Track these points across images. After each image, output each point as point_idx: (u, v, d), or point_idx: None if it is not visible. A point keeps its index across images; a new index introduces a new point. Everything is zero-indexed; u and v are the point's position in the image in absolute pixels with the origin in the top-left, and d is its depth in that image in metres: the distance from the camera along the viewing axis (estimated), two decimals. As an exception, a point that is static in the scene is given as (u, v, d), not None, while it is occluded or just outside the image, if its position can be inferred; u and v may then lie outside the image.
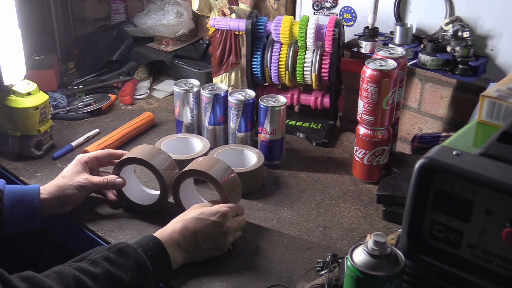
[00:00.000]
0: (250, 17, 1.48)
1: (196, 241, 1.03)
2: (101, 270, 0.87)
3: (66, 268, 0.86)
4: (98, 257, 0.90)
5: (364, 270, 0.81)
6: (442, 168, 0.76)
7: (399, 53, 1.28)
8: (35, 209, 1.10)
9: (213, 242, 1.05)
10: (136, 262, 0.92)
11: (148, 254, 0.95)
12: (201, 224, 1.04)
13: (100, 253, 0.91)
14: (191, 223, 1.04)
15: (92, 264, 0.88)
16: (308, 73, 1.48)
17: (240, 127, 1.39)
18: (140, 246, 0.96)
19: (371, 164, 1.31)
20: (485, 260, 0.78)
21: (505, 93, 0.87)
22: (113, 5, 2.03)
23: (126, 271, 0.90)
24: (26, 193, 1.11)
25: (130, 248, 0.93)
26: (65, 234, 1.29)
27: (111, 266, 0.89)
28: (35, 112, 1.37)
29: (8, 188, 1.11)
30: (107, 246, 0.93)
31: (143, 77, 1.83)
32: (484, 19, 1.29)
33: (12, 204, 1.08)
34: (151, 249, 0.97)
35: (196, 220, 1.05)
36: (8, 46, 1.34)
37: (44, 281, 0.82)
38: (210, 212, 1.06)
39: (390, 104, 1.26)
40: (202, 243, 1.04)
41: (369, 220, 1.21)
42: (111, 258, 0.90)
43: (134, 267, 0.91)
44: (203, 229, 1.04)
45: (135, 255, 0.93)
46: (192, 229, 1.03)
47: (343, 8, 1.52)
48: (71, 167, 1.19)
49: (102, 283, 0.86)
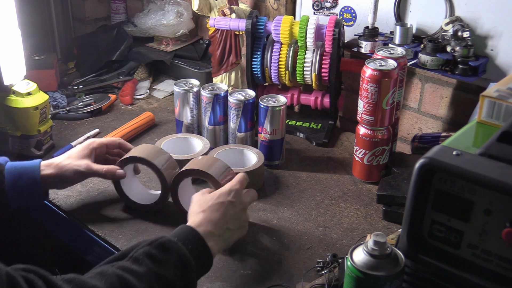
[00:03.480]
0: (250, 17, 1.48)
1: (226, 224, 1.02)
2: (144, 268, 0.86)
3: (108, 268, 0.84)
4: (139, 254, 0.87)
5: (364, 270, 0.81)
6: (442, 168, 0.76)
7: (399, 53, 1.28)
8: (35, 181, 1.13)
9: (238, 221, 1.05)
10: (179, 258, 0.90)
11: (189, 248, 0.93)
12: (224, 207, 1.04)
13: (141, 250, 0.88)
14: (215, 210, 1.03)
15: (135, 262, 0.86)
16: (308, 73, 1.48)
17: (240, 127, 1.39)
18: (180, 239, 0.93)
19: (371, 164, 1.31)
20: (485, 260, 0.78)
21: (505, 93, 0.87)
22: (113, 5, 2.03)
23: (169, 267, 0.88)
24: (27, 167, 1.14)
25: (172, 243, 0.91)
26: (65, 234, 1.29)
27: (153, 263, 0.87)
28: (35, 112, 1.37)
29: (10, 163, 1.14)
30: (149, 241, 0.90)
31: (143, 77, 1.83)
32: (484, 19, 1.29)
33: (13, 177, 1.11)
34: (191, 242, 0.94)
35: (218, 206, 1.04)
36: (8, 46, 1.34)
37: (88, 281, 0.80)
38: (225, 193, 1.06)
39: (390, 104, 1.26)
40: (231, 226, 1.03)
41: (369, 220, 1.21)
42: (154, 254, 0.88)
43: (177, 262, 0.89)
44: (227, 211, 1.04)
45: (177, 250, 0.91)
46: (219, 215, 1.02)
47: (343, 8, 1.52)
48: (79, 150, 1.21)
49: (146, 282, 0.84)
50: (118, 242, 1.13)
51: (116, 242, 1.13)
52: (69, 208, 1.24)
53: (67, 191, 1.27)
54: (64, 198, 1.26)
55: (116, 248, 1.12)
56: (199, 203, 1.05)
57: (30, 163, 1.15)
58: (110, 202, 1.25)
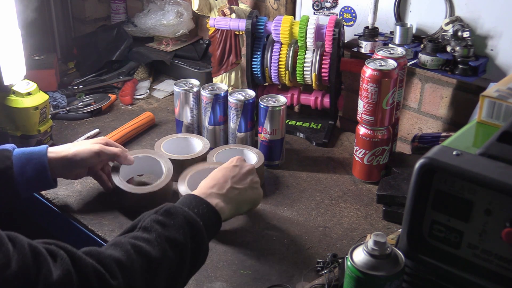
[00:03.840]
0: (250, 17, 1.48)
1: (228, 184, 1.06)
2: (154, 234, 0.88)
3: (121, 239, 0.87)
4: (147, 222, 0.90)
5: (364, 270, 0.81)
6: (442, 168, 0.76)
7: (399, 53, 1.28)
8: (43, 165, 1.13)
9: (245, 182, 1.09)
10: (185, 220, 0.92)
11: (195, 212, 0.95)
12: (226, 170, 1.10)
13: (148, 218, 0.91)
14: (217, 174, 1.09)
15: (145, 230, 0.89)
16: (308, 73, 1.48)
17: (240, 127, 1.39)
18: (184, 205, 0.97)
19: (371, 164, 1.31)
20: (485, 260, 0.78)
21: (505, 93, 0.87)
22: (113, 5, 2.03)
23: (178, 229, 0.90)
24: (34, 152, 1.15)
25: (176, 208, 0.94)
26: (65, 234, 1.28)
27: (163, 228, 0.89)
28: (35, 112, 1.37)
29: (18, 149, 1.15)
30: (154, 210, 0.93)
31: (143, 77, 1.83)
32: (484, 19, 1.29)
33: (21, 163, 1.12)
34: (196, 207, 0.97)
35: (220, 171, 1.10)
36: (8, 46, 1.34)
37: (104, 251, 0.82)
38: (228, 162, 1.13)
39: (390, 104, 1.26)
40: (235, 185, 1.07)
41: (369, 220, 1.21)
42: (161, 220, 0.90)
43: (184, 224, 0.91)
44: (230, 173, 1.09)
45: (182, 213, 0.93)
46: (221, 176, 1.07)
47: (343, 8, 1.52)
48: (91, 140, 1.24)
49: (158, 246, 0.86)
50: (118, 242, 1.13)
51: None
52: (69, 208, 1.24)
53: (67, 191, 1.27)
54: (64, 198, 1.26)
55: (116, 248, 1.12)
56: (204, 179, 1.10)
57: (37, 148, 1.16)
58: (110, 202, 1.25)
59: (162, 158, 1.27)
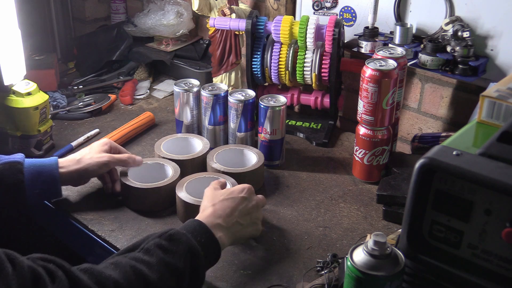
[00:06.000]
0: (250, 17, 1.48)
1: (235, 218, 1.05)
2: (155, 259, 0.88)
3: (122, 259, 0.87)
4: (150, 245, 0.90)
5: (364, 270, 0.81)
6: (442, 168, 0.76)
7: (399, 53, 1.28)
8: (54, 179, 1.15)
9: (249, 217, 1.07)
10: (188, 248, 0.93)
11: (197, 239, 0.95)
12: (234, 201, 1.07)
13: (152, 241, 0.91)
14: (226, 203, 1.06)
15: (146, 253, 0.89)
16: (308, 73, 1.48)
17: (240, 127, 1.39)
18: (189, 231, 0.96)
19: (371, 164, 1.31)
20: (485, 260, 0.78)
21: (505, 93, 0.87)
22: (113, 5, 2.03)
23: (179, 257, 0.91)
24: (46, 164, 1.16)
25: (181, 234, 0.94)
26: (65, 234, 1.29)
27: (164, 254, 0.90)
28: (35, 112, 1.37)
29: (28, 161, 1.15)
30: (158, 233, 0.93)
31: (143, 77, 1.83)
32: (484, 19, 1.29)
33: (32, 176, 1.13)
34: (199, 235, 0.97)
35: (229, 200, 1.07)
36: (8, 46, 1.34)
37: (103, 271, 0.83)
38: (238, 190, 1.09)
39: (390, 104, 1.26)
40: (240, 219, 1.05)
41: (369, 220, 1.21)
42: (164, 245, 0.91)
43: (186, 252, 0.92)
44: (237, 206, 1.06)
45: (186, 241, 0.93)
46: (229, 208, 1.05)
47: (343, 8, 1.52)
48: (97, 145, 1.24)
49: (158, 271, 0.87)
50: (118, 242, 1.13)
51: (116, 242, 1.13)
52: (69, 208, 1.24)
53: (67, 191, 1.27)
54: (64, 198, 1.26)
55: (116, 248, 1.12)
56: (210, 197, 1.08)
57: (48, 161, 1.17)
58: (110, 203, 1.25)
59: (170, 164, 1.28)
